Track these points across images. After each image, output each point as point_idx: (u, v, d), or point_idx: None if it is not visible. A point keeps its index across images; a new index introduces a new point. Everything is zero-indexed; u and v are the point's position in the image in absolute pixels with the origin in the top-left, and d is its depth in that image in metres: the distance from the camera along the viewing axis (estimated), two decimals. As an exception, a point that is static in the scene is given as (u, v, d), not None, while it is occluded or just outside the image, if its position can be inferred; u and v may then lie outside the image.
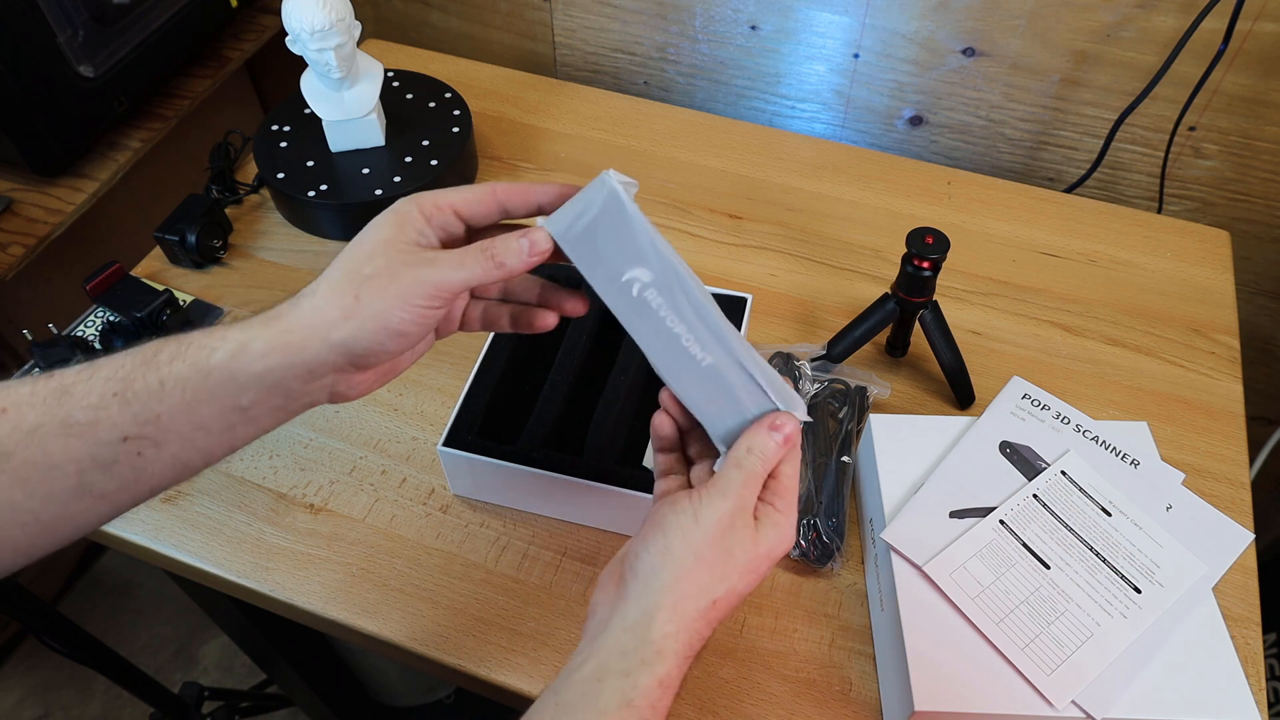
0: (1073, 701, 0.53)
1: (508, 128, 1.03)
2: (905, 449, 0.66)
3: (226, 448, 0.45)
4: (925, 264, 0.70)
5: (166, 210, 0.87)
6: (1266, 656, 0.76)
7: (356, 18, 0.83)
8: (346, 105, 0.88)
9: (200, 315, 0.83)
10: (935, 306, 0.74)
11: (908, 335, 0.78)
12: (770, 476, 0.46)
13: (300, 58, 0.83)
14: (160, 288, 0.82)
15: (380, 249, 0.44)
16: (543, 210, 0.48)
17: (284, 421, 0.46)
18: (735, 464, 0.44)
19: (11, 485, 0.40)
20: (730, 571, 0.42)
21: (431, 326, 0.45)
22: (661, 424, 0.49)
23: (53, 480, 0.41)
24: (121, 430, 0.41)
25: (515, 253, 0.45)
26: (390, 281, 0.43)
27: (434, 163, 0.90)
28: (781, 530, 0.44)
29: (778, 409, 0.46)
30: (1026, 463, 0.65)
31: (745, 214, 0.94)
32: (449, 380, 0.79)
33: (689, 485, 0.48)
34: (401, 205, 0.46)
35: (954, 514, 0.62)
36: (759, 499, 0.45)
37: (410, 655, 0.64)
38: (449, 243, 0.47)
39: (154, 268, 0.88)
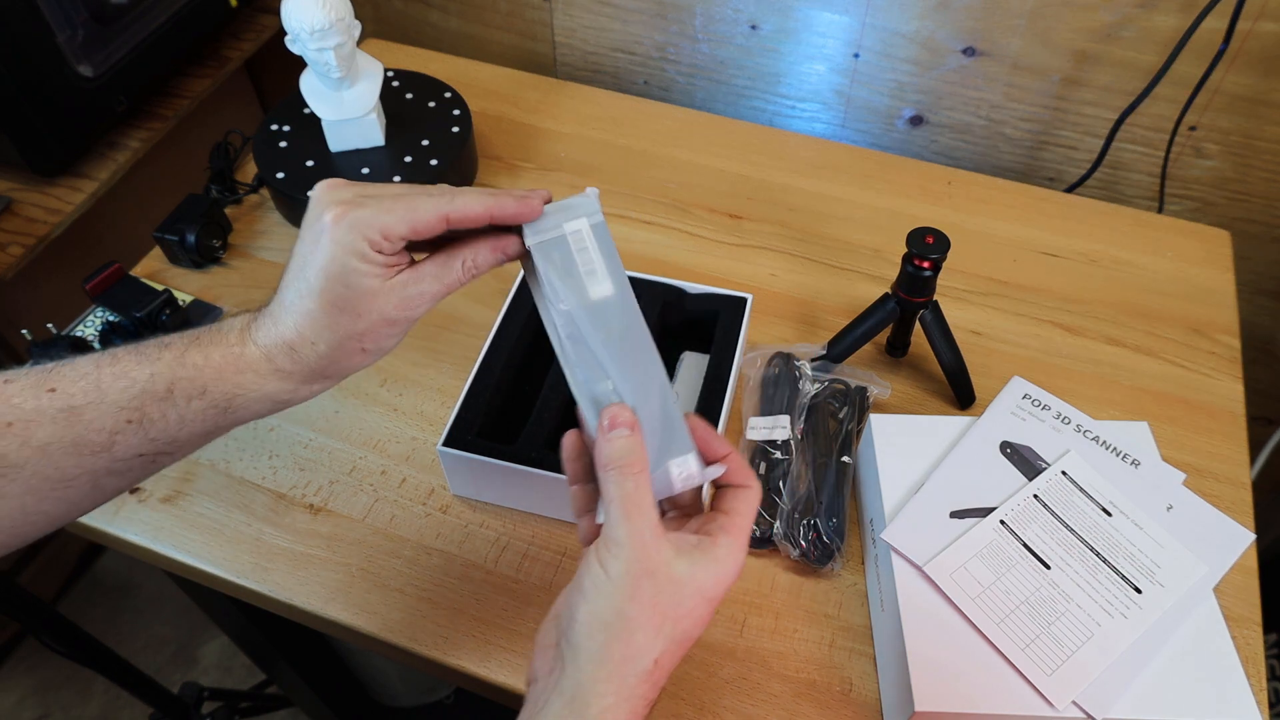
0: (1073, 702, 0.53)
1: (508, 127, 1.03)
2: (905, 449, 0.66)
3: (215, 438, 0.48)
4: (925, 264, 0.70)
5: (166, 210, 0.87)
6: (1267, 657, 0.76)
7: (356, 17, 0.83)
8: (346, 105, 0.88)
9: (200, 315, 0.83)
10: (935, 306, 0.74)
11: (908, 335, 0.78)
12: (719, 511, 0.43)
13: (300, 57, 0.83)
14: (160, 288, 0.82)
15: (336, 312, 0.42)
16: (496, 222, 0.44)
17: None
18: (607, 496, 0.40)
19: (23, 494, 0.42)
20: (663, 623, 0.39)
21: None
22: (567, 444, 0.45)
23: (67, 489, 0.43)
24: (138, 449, 0.44)
25: (485, 262, 0.45)
26: (360, 340, 0.44)
27: (434, 162, 0.90)
28: (722, 565, 0.41)
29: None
30: (1027, 463, 0.65)
31: (745, 214, 0.94)
32: (449, 380, 0.78)
33: None
34: (350, 242, 0.41)
35: (954, 514, 0.62)
36: (698, 531, 0.42)
37: (410, 655, 0.63)
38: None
39: (153, 268, 0.88)
